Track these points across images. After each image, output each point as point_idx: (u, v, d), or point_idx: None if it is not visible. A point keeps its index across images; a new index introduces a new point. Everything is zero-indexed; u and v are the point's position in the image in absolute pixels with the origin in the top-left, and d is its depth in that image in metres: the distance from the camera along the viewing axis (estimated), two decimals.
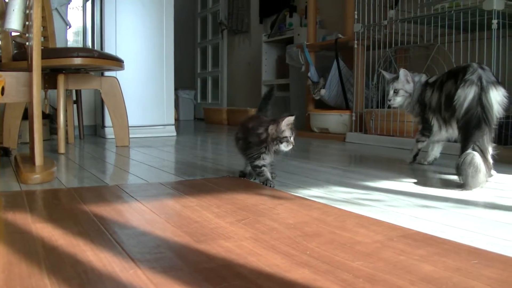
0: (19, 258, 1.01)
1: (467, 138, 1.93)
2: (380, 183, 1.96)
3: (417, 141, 2.47)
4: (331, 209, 1.47)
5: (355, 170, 2.35)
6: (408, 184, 1.94)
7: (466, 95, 1.98)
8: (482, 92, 1.95)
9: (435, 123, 2.32)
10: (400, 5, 3.79)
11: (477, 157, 1.81)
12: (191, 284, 0.87)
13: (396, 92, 2.47)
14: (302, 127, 4.86)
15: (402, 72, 2.44)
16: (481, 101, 1.94)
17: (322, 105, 4.48)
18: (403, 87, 2.44)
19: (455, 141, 2.27)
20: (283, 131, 1.83)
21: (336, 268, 0.95)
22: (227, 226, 1.26)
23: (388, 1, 3.77)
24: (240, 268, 0.96)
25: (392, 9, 3.76)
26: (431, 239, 1.16)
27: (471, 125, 1.93)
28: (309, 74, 4.47)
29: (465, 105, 1.98)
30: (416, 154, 2.49)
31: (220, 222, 1.31)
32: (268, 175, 1.89)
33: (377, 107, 3.72)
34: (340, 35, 4.28)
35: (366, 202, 1.59)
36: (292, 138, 1.85)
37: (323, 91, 4.27)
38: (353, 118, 3.93)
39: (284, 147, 1.85)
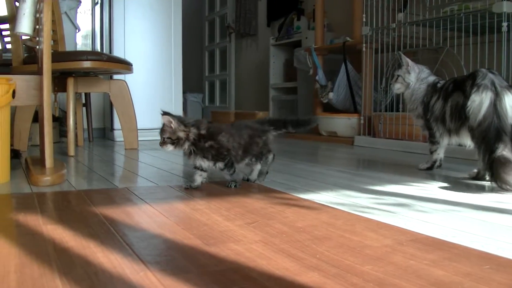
0: (31, 259, 1.02)
1: (488, 147, 1.92)
2: (389, 187, 1.95)
3: (431, 152, 2.41)
4: (340, 213, 1.47)
5: (364, 173, 2.35)
6: (417, 188, 1.94)
7: (482, 100, 1.94)
8: (496, 97, 1.93)
9: (436, 131, 2.30)
10: (409, 8, 3.79)
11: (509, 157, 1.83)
12: (200, 286, 0.88)
13: (396, 78, 2.47)
14: (310, 130, 4.86)
15: (404, 60, 2.43)
16: (496, 109, 1.93)
17: (330, 108, 4.48)
18: (403, 75, 2.44)
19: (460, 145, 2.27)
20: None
21: (346, 272, 0.95)
22: (237, 229, 1.27)
23: (396, 4, 3.76)
24: (250, 271, 0.96)
25: (401, 12, 3.75)
26: (441, 243, 1.15)
27: (490, 135, 1.91)
28: (317, 77, 4.47)
29: (482, 112, 1.94)
30: (432, 166, 2.42)
31: (229, 225, 1.31)
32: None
33: (386, 111, 3.71)
34: (348, 38, 4.28)
35: (375, 206, 1.59)
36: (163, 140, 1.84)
37: (331, 94, 4.27)
38: (362, 121, 3.92)
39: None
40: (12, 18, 3.04)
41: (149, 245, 1.13)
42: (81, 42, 5.47)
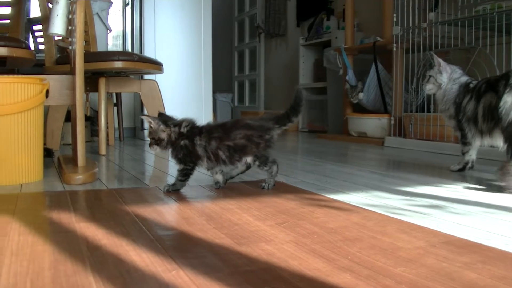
0: (65, 256, 1.03)
1: None
2: (420, 189, 1.93)
3: (463, 153, 2.37)
4: (371, 214, 1.46)
5: (394, 174, 2.33)
6: (449, 189, 1.92)
7: None
8: None
9: (468, 132, 2.27)
10: (440, 7, 3.74)
11: None
12: (232, 286, 0.88)
13: (428, 78, 2.44)
14: (340, 131, 4.84)
15: (436, 60, 2.41)
16: None
17: (360, 108, 4.45)
18: (435, 75, 2.41)
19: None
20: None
21: (378, 274, 0.94)
22: (268, 229, 1.27)
23: (427, 3, 3.72)
24: (281, 271, 0.96)
25: (432, 11, 3.71)
26: (475, 246, 1.14)
27: None
28: (347, 78, 4.44)
29: None
30: (464, 168, 2.39)
31: (260, 225, 1.31)
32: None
33: (417, 111, 3.67)
34: (378, 38, 4.25)
35: (406, 207, 1.57)
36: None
37: (361, 95, 4.25)
38: (392, 122, 3.89)
39: None
40: (45, 19, 3.09)
41: (181, 244, 1.14)
42: (112, 42, 5.53)
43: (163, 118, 1.85)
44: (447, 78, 2.39)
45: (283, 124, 1.91)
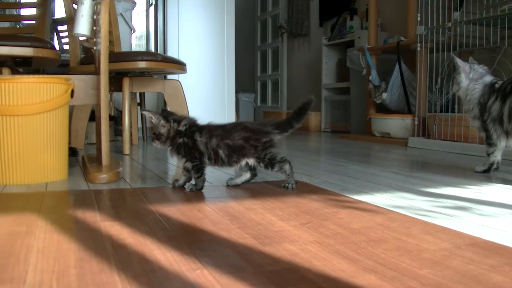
0: (90, 255, 1.04)
1: None
2: (445, 190, 1.91)
3: (488, 154, 2.34)
4: (396, 215, 1.45)
5: (418, 175, 2.31)
6: (474, 191, 1.89)
7: None
8: None
9: (493, 133, 2.24)
10: (465, 6, 3.70)
11: None
12: (256, 286, 0.88)
13: (453, 79, 2.43)
14: (363, 131, 4.81)
15: (454, 60, 2.39)
16: None
17: (383, 109, 4.42)
18: (456, 76, 2.40)
19: None
20: None
21: (403, 275, 0.94)
22: (291, 229, 1.27)
23: (452, 3, 3.68)
24: (306, 271, 0.96)
25: (457, 10, 3.67)
26: (501, 248, 1.12)
27: None
28: (370, 78, 4.42)
29: None
30: (489, 169, 2.35)
31: (284, 225, 1.31)
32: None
33: (441, 111, 3.64)
34: (402, 38, 4.22)
35: (431, 209, 1.56)
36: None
37: (384, 95, 4.22)
38: (416, 122, 3.86)
39: None
40: (70, 20, 3.12)
41: (205, 243, 1.15)
42: (136, 43, 5.57)
43: (165, 114, 1.87)
44: (465, 78, 2.37)
45: (284, 131, 1.91)
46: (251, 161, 1.85)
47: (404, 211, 1.51)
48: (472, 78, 2.35)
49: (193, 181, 1.88)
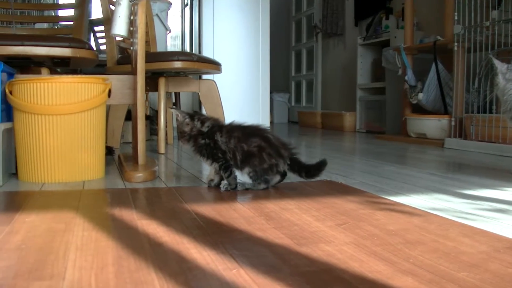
0: (127, 253, 1.06)
1: None
2: (482, 192, 1.88)
3: None
4: (433, 217, 1.43)
5: (455, 177, 2.27)
6: None
7: None
8: None
9: None
10: (503, 5, 3.63)
11: None
12: (293, 286, 0.88)
13: (493, 79, 2.40)
14: (398, 131, 4.76)
15: (492, 61, 2.36)
16: None
17: (419, 109, 4.37)
18: (495, 76, 2.36)
19: None
20: None
21: (441, 278, 0.92)
22: (327, 230, 1.26)
23: (490, 1, 3.62)
24: (342, 273, 0.95)
25: (495, 9, 3.60)
26: None
27: None
28: (406, 78, 4.37)
29: None
30: None
31: (320, 226, 1.30)
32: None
33: (478, 112, 3.57)
34: (439, 37, 4.15)
35: (468, 211, 1.53)
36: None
37: (420, 95, 4.16)
38: (453, 123, 3.80)
39: None
40: (107, 21, 3.17)
41: (240, 243, 1.15)
42: (171, 43, 5.62)
43: (191, 113, 1.88)
44: (502, 78, 2.33)
45: (292, 168, 1.88)
46: (246, 170, 1.82)
47: (442, 213, 1.49)
48: (509, 79, 2.31)
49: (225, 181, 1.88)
